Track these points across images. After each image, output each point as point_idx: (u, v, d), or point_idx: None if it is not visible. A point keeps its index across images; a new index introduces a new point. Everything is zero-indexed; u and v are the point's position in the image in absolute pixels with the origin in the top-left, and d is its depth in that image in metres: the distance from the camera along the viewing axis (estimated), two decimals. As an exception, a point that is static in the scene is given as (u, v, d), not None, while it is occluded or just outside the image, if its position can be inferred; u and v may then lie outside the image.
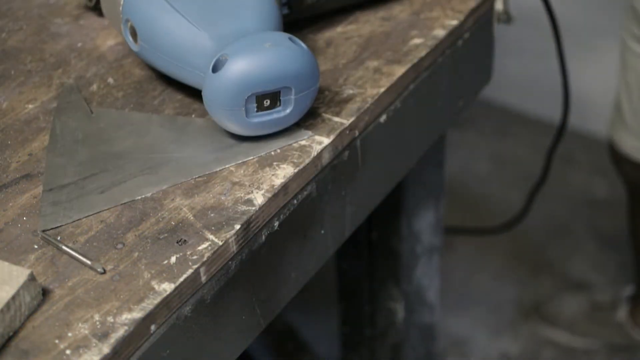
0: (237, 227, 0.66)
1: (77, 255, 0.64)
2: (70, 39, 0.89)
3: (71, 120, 0.78)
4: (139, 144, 0.75)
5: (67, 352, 0.57)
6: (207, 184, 0.71)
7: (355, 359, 1.38)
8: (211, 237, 0.65)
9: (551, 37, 1.15)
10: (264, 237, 0.70)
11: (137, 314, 0.60)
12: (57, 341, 0.58)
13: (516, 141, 2.34)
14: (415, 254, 1.19)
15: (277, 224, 0.71)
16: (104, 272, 0.63)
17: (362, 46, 0.86)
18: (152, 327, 0.61)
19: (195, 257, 0.64)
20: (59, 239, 0.66)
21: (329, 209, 0.78)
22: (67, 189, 0.71)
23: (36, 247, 0.66)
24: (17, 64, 0.86)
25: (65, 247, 0.65)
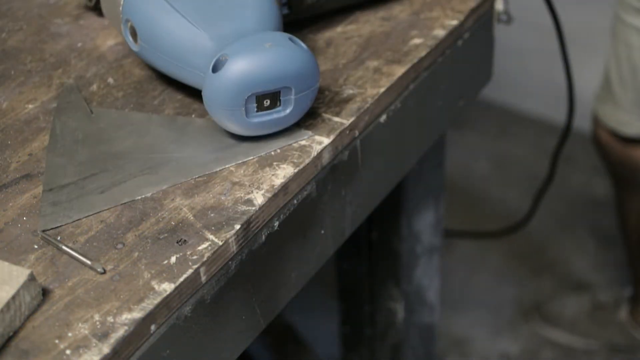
0: (237, 227, 0.66)
1: (77, 255, 0.64)
2: (70, 39, 0.89)
3: (71, 120, 0.78)
4: (139, 144, 0.75)
5: (67, 352, 0.57)
6: (207, 184, 0.71)
7: (355, 359, 1.38)
8: (211, 237, 0.65)
9: (551, 37, 1.15)
10: (264, 237, 0.70)
11: (137, 314, 0.60)
12: (57, 341, 0.58)
13: (516, 141, 2.34)
14: (415, 254, 1.19)
15: (277, 224, 0.71)
16: (104, 272, 0.63)
17: (362, 46, 0.86)
18: (152, 327, 0.61)
19: (195, 257, 0.64)
20: (59, 239, 0.66)
21: (329, 209, 0.78)
22: (67, 189, 0.71)
23: (36, 247, 0.66)
24: (17, 64, 0.86)
25: (65, 247, 0.65)
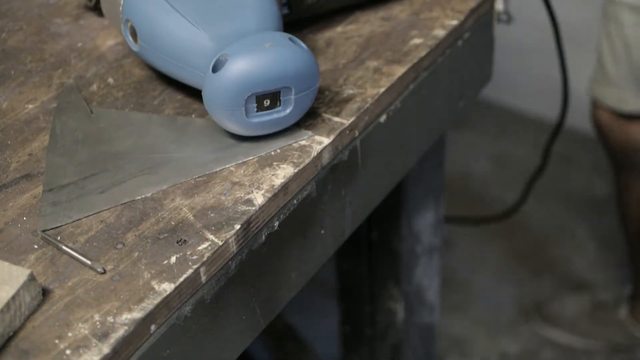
0: (237, 227, 0.66)
1: (77, 255, 0.64)
2: (70, 39, 0.89)
3: (71, 120, 0.78)
4: (139, 144, 0.75)
5: (67, 352, 0.57)
6: (207, 184, 0.71)
7: (355, 359, 1.38)
8: (211, 237, 0.65)
9: (551, 36, 1.14)
10: (264, 237, 0.70)
11: (137, 314, 0.60)
12: (57, 341, 0.58)
13: (516, 141, 2.34)
14: (415, 254, 1.19)
15: (277, 224, 0.71)
16: (104, 272, 0.63)
17: (362, 46, 0.86)
18: (152, 327, 0.61)
19: (195, 257, 0.64)
20: (59, 239, 0.66)
21: (329, 209, 0.78)
22: (67, 189, 0.71)
23: (36, 247, 0.66)
24: (17, 64, 0.86)
25: (65, 247, 0.65)
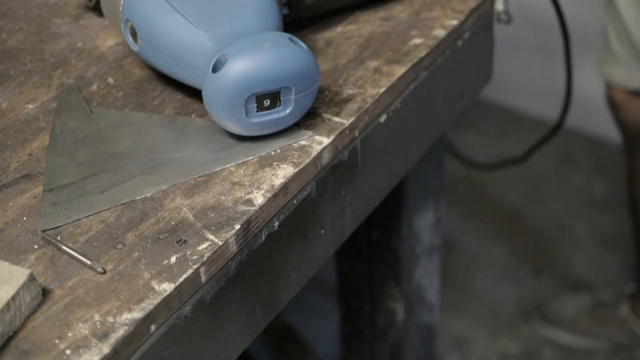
0: (237, 227, 0.66)
1: (77, 255, 0.64)
2: (70, 39, 0.89)
3: (71, 120, 0.78)
4: (139, 144, 0.75)
5: (67, 352, 0.57)
6: (207, 184, 0.71)
7: (355, 359, 1.38)
8: (211, 237, 0.65)
9: (551, 37, 1.14)
10: (264, 237, 0.70)
11: (137, 314, 0.60)
12: (57, 341, 0.58)
13: (516, 141, 2.34)
14: (415, 254, 1.19)
15: (277, 224, 0.71)
16: (104, 272, 0.63)
17: (362, 46, 0.86)
18: (152, 327, 0.61)
19: (195, 257, 0.64)
20: (59, 239, 0.66)
21: (329, 209, 0.78)
22: (67, 189, 0.71)
23: (36, 247, 0.66)
24: (17, 64, 0.86)
25: (65, 247, 0.65)
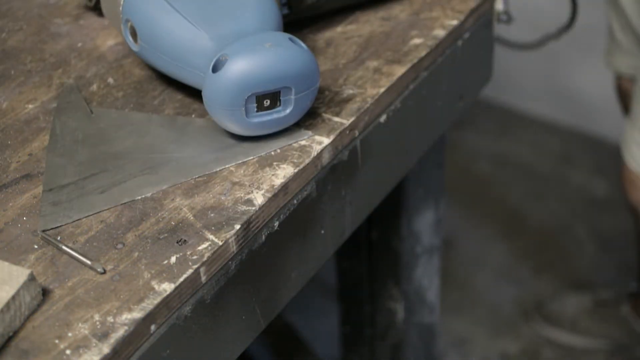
0: (237, 227, 0.66)
1: (77, 255, 0.64)
2: (70, 39, 0.89)
3: (71, 120, 0.78)
4: (139, 144, 0.75)
5: (67, 352, 0.57)
6: (207, 184, 0.71)
7: (355, 359, 1.38)
8: (211, 237, 0.65)
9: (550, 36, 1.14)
10: (264, 237, 0.70)
11: (137, 314, 0.60)
12: (57, 341, 0.58)
13: (516, 141, 2.34)
14: (415, 254, 1.19)
15: (277, 224, 0.71)
16: (104, 272, 0.63)
17: (362, 46, 0.86)
18: (152, 327, 0.61)
19: (195, 257, 0.64)
20: (59, 239, 0.66)
21: (329, 209, 0.78)
22: (67, 189, 0.71)
23: (36, 247, 0.66)
24: (17, 64, 0.86)
25: (65, 247, 0.65)
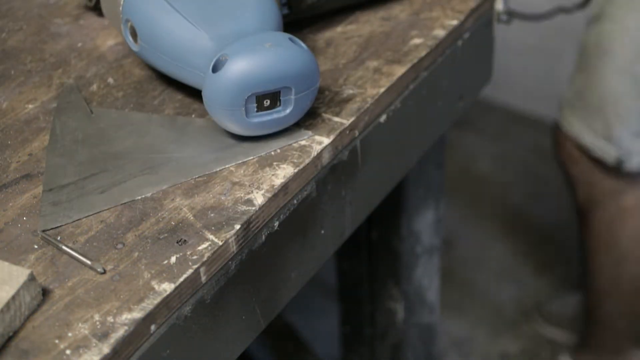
0: (237, 227, 0.66)
1: (77, 255, 0.64)
2: (70, 39, 0.89)
3: (71, 120, 0.78)
4: (139, 144, 0.75)
5: (67, 352, 0.57)
6: (207, 184, 0.71)
7: (355, 359, 1.38)
8: (211, 237, 0.65)
9: (551, 36, 1.14)
10: (264, 237, 0.70)
11: (137, 314, 0.60)
12: (57, 341, 0.58)
13: (516, 141, 2.34)
14: (415, 254, 1.19)
15: (277, 224, 0.71)
16: (104, 272, 0.63)
17: (362, 46, 0.86)
18: (152, 327, 0.61)
19: (195, 257, 0.64)
20: (59, 239, 0.66)
21: (329, 209, 0.78)
22: (67, 189, 0.71)
23: (36, 247, 0.66)
24: (17, 64, 0.86)
25: (65, 247, 0.65)
